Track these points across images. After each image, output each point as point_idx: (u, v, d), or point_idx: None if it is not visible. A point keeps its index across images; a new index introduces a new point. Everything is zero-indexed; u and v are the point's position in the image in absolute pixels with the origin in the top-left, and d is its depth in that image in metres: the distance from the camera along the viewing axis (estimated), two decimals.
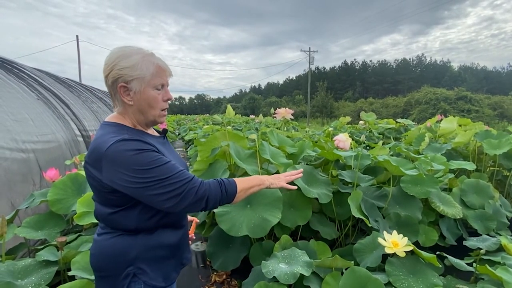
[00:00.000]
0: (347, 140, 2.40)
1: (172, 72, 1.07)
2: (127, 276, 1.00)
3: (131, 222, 1.00)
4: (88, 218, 1.91)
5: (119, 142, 0.91)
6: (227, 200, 1.05)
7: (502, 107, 26.94)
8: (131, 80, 0.98)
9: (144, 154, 0.92)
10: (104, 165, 0.91)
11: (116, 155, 0.90)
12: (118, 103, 1.04)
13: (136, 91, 1.00)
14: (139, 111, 1.03)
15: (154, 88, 1.02)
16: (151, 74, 1.00)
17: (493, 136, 3.29)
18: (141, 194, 0.92)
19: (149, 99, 1.01)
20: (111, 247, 1.01)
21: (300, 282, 1.57)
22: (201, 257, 2.58)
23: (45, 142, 3.25)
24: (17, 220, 2.18)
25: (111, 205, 0.99)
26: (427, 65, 74.00)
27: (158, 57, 1.04)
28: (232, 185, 1.06)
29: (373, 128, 6.15)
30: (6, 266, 1.54)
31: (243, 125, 8.06)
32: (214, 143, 2.48)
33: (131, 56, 0.99)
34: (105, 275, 1.03)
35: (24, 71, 4.56)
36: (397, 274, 1.57)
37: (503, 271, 1.46)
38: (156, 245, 1.04)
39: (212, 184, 1.02)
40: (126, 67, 0.98)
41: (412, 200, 2.34)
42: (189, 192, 0.95)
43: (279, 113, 3.20)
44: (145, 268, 1.01)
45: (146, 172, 0.90)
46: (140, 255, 1.01)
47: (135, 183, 0.90)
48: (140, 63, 0.99)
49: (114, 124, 1.02)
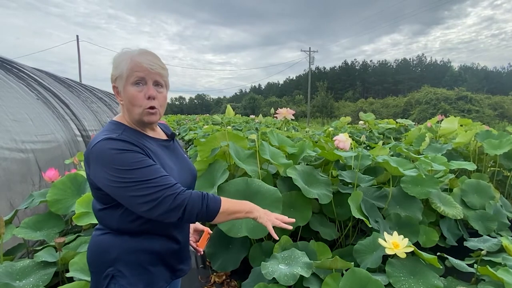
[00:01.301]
0: (347, 140, 2.39)
1: (156, 66, 0.99)
2: (107, 276, 0.99)
3: (113, 222, 1.00)
4: (87, 218, 1.90)
5: (105, 140, 0.91)
6: (207, 216, 0.96)
7: (503, 107, 26.92)
8: (115, 79, 1.01)
9: (127, 154, 0.90)
10: (90, 161, 0.94)
11: (100, 153, 0.90)
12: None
13: (120, 90, 1.01)
14: (127, 110, 1.02)
15: (132, 84, 0.98)
16: (126, 70, 0.97)
17: (494, 136, 3.28)
18: (119, 194, 0.92)
19: (129, 97, 0.99)
20: (98, 244, 1.02)
21: (300, 283, 1.56)
22: (201, 258, 2.57)
23: (44, 142, 3.24)
24: (16, 221, 2.18)
25: (100, 201, 1.01)
26: (428, 65, 74.00)
27: (144, 52, 1.00)
28: (215, 202, 0.97)
29: (373, 128, 6.14)
30: (4, 267, 1.53)
31: (243, 125, 8.05)
32: (214, 143, 2.47)
33: (120, 56, 1.00)
34: (93, 271, 1.04)
35: (23, 71, 4.55)
36: (398, 275, 1.56)
37: (504, 272, 1.45)
38: (137, 249, 1.00)
39: (195, 195, 0.95)
40: (113, 68, 1.01)
41: (412, 201, 2.33)
42: (166, 198, 0.89)
43: (280, 113, 3.20)
44: (125, 271, 0.98)
45: (126, 173, 0.89)
46: (121, 257, 0.98)
47: (115, 182, 0.89)
48: (119, 62, 0.99)
49: (114, 122, 1.03)
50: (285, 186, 2.34)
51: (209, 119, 12.25)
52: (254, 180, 2.10)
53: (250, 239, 2.16)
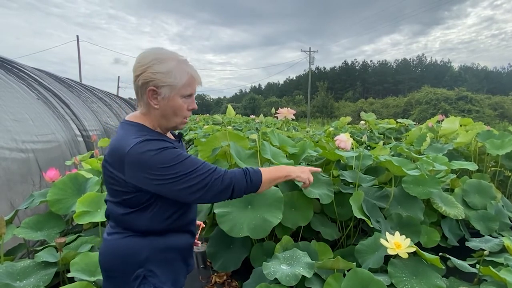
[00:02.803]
0: (348, 140, 2.38)
1: (201, 80, 1.07)
2: (137, 277, 0.99)
3: (142, 224, 1.00)
4: (88, 217, 1.89)
5: (142, 143, 0.92)
6: (252, 189, 1.06)
7: (503, 107, 26.94)
8: (163, 86, 0.98)
9: (166, 152, 0.93)
10: (127, 166, 0.92)
11: (140, 156, 0.91)
12: (143, 104, 1.03)
13: (165, 97, 1.00)
14: (163, 116, 1.03)
15: (182, 96, 1.02)
16: (183, 84, 1.00)
17: (495, 136, 3.27)
18: (169, 190, 0.94)
19: (175, 107, 1.02)
20: (122, 247, 1.01)
21: (302, 284, 1.55)
22: (202, 258, 2.56)
23: (45, 142, 3.24)
24: (16, 221, 2.17)
25: (125, 205, 0.99)
26: (428, 65, 73.98)
27: (191, 65, 1.05)
28: (257, 175, 1.07)
29: (373, 128, 6.13)
30: (5, 267, 1.52)
31: (244, 125, 8.05)
32: (214, 143, 2.47)
33: (166, 61, 0.98)
34: (114, 276, 1.02)
35: (24, 71, 4.55)
36: (400, 275, 1.55)
37: (507, 272, 1.45)
38: (165, 247, 1.04)
39: (238, 173, 1.03)
40: (160, 72, 0.97)
41: (413, 201, 2.32)
42: (215, 182, 0.97)
43: (281, 113, 3.19)
44: (156, 270, 1.01)
45: (170, 169, 0.92)
46: (151, 257, 1.01)
47: (162, 180, 0.92)
48: (174, 71, 0.98)
49: (135, 124, 1.02)
50: (286, 186, 2.33)
51: (209, 119, 12.24)
52: None
53: (251, 239, 2.15)
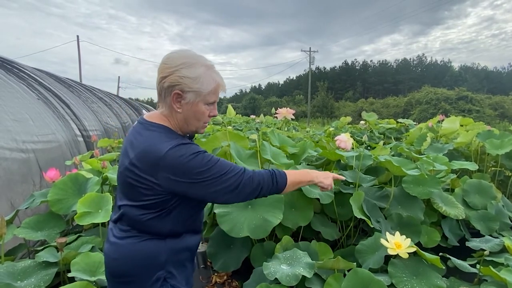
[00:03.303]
0: (348, 140, 2.38)
1: (225, 87, 1.08)
2: (158, 280, 1.00)
3: (166, 226, 1.01)
4: (89, 218, 1.89)
5: (177, 146, 0.94)
6: (277, 190, 1.11)
7: (503, 107, 26.92)
8: (189, 91, 0.98)
9: (201, 155, 0.96)
10: (162, 169, 0.92)
11: (177, 160, 0.92)
12: (166, 106, 1.02)
13: (189, 102, 1.00)
14: (184, 119, 1.03)
15: (206, 103, 1.03)
16: (209, 91, 1.00)
17: (495, 136, 3.27)
18: (203, 192, 0.96)
19: (198, 113, 1.03)
20: (141, 251, 1.00)
21: (302, 284, 1.55)
22: (202, 258, 2.56)
23: (45, 142, 3.24)
24: (16, 221, 2.17)
25: (149, 208, 0.98)
26: (428, 65, 73.96)
27: (218, 72, 1.05)
28: (282, 177, 1.11)
29: (374, 128, 6.13)
30: (5, 267, 1.52)
31: (244, 125, 8.05)
32: (215, 143, 2.47)
33: (195, 66, 0.98)
34: (131, 280, 1.01)
35: (24, 71, 4.55)
36: (400, 275, 1.55)
37: (507, 272, 1.45)
38: (182, 249, 1.06)
39: (265, 175, 1.08)
40: (188, 77, 0.97)
41: (414, 201, 2.33)
42: (246, 182, 1.01)
43: (280, 113, 3.19)
44: (174, 271, 1.03)
45: (205, 172, 0.94)
46: (170, 259, 1.02)
47: (198, 184, 0.94)
48: (202, 77, 0.98)
49: (160, 126, 1.01)
50: None
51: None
52: None
53: (251, 239, 2.15)
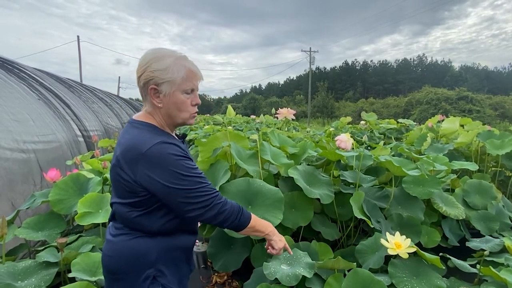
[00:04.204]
0: (348, 141, 2.38)
1: (202, 75, 1.07)
2: (147, 278, 1.00)
3: (154, 224, 1.00)
4: (90, 218, 1.90)
5: (160, 144, 0.93)
6: (235, 227, 1.07)
7: (504, 107, 26.89)
8: (162, 82, 0.99)
9: (184, 161, 0.95)
10: (141, 164, 0.93)
11: (158, 157, 0.92)
12: (148, 104, 1.04)
13: (166, 94, 1.01)
14: (167, 113, 1.04)
15: (183, 92, 1.02)
16: (181, 78, 1.00)
17: (496, 137, 3.27)
18: (171, 198, 0.95)
19: (177, 103, 1.03)
20: (132, 248, 1.01)
21: (302, 284, 1.56)
22: (202, 258, 2.56)
23: (46, 142, 3.25)
24: (17, 221, 2.18)
25: (137, 206, 0.99)
26: (428, 65, 73.90)
27: (191, 61, 1.05)
28: (246, 218, 1.09)
29: (374, 128, 6.13)
30: (6, 268, 1.53)
31: (244, 125, 8.05)
32: (215, 143, 2.47)
33: (164, 58, 0.99)
34: (123, 278, 1.02)
35: (25, 71, 4.56)
36: (400, 275, 1.56)
37: (507, 272, 1.45)
38: (173, 248, 1.05)
39: (235, 207, 1.06)
40: (158, 70, 0.98)
41: (414, 201, 2.33)
42: (214, 206, 0.99)
43: (281, 113, 3.20)
44: (164, 270, 1.02)
45: (182, 179, 0.93)
46: (160, 257, 1.02)
47: (172, 188, 0.93)
48: (172, 66, 0.99)
49: (145, 124, 1.03)
50: (287, 186, 2.33)
51: (210, 119, 12.23)
52: (256, 180, 2.09)
53: (251, 239, 2.16)
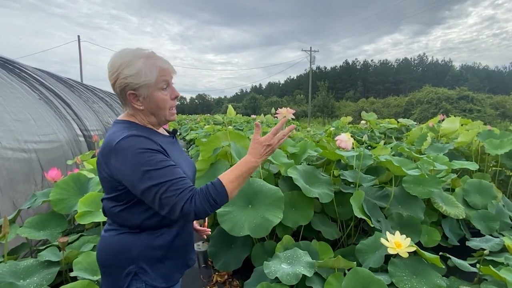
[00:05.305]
0: (349, 140, 2.39)
1: (174, 68, 1.07)
2: (129, 274, 1.01)
3: (136, 219, 1.01)
4: (90, 217, 1.91)
5: (128, 137, 0.93)
6: (221, 203, 0.98)
7: (504, 106, 26.85)
8: (138, 87, 0.99)
9: (149, 154, 0.93)
10: (112, 158, 0.94)
11: (125, 150, 0.92)
12: (128, 107, 1.05)
13: (145, 96, 1.01)
14: (150, 113, 1.05)
15: (160, 89, 1.03)
16: (156, 78, 1.00)
17: (495, 136, 3.27)
18: (136, 193, 0.94)
19: (158, 102, 1.03)
20: (116, 244, 1.03)
21: (303, 283, 1.56)
22: (203, 257, 2.57)
23: (46, 142, 3.25)
24: (19, 220, 2.19)
25: (118, 201, 1.01)
26: (429, 64, 73.80)
27: (159, 57, 1.04)
28: (219, 190, 0.97)
29: (374, 128, 6.13)
30: (8, 267, 1.54)
31: (244, 125, 8.05)
32: (215, 143, 2.48)
33: (133, 62, 0.98)
34: (109, 272, 1.05)
35: (25, 71, 4.56)
36: (400, 275, 1.56)
37: (507, 272, 1.46)
38: (158, 246, 1.04)
39: (200, 198, 0.94)
40: (131, 75, 0.98)
41: (414, 200, 2.33)
42: (177, 203, 0.91)
43: (280, 113, 3.19)
44: (146, 267, 1.02)
45: (150, 172, 0.91)
46: (142, 254, 1.02)
47: (132, 181, 0.92)
48: (143, 69, 0.98)
49: (125, 121, 1.04)
50: (287, 186, 2.34)
51: (210, 119, 12.24)
52: (256, 180, 2.10)
53: (252, 238, 2.16)
